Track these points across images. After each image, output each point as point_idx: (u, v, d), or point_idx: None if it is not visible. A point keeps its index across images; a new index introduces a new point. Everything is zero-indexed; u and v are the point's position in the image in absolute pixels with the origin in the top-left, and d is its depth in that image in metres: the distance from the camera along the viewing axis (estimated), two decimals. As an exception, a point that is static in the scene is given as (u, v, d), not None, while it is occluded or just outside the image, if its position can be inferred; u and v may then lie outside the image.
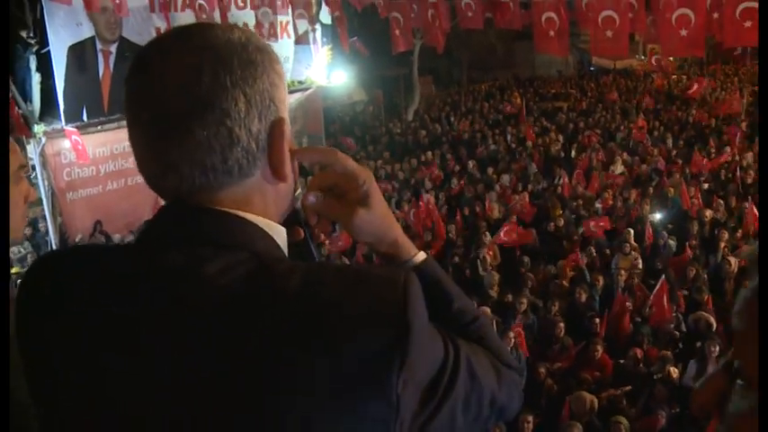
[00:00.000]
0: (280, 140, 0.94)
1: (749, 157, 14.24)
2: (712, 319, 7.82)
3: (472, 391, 0.98)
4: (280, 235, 0.98)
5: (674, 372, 7.08)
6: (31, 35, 10.82)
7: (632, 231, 10.45)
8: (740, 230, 10.53)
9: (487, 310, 8.48)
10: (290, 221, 1.07)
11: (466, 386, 0.97)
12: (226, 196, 0.92)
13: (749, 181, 12.79)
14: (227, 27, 0.94)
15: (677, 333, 7.99)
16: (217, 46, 0.89)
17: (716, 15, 9.32)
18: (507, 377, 1.08)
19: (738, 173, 13.06)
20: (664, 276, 8.23)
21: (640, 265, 9.56)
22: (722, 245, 9.69)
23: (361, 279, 0.88)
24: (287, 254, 1.00)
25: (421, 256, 1.13)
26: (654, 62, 21.47)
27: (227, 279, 0.86)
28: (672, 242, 10.31)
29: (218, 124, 0.87)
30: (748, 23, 8.87)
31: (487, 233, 10.63)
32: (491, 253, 10.22)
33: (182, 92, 0.87)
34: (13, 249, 8.64)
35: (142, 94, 0.90)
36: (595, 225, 10.73)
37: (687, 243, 10.10)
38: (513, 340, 7.37)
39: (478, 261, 9.88)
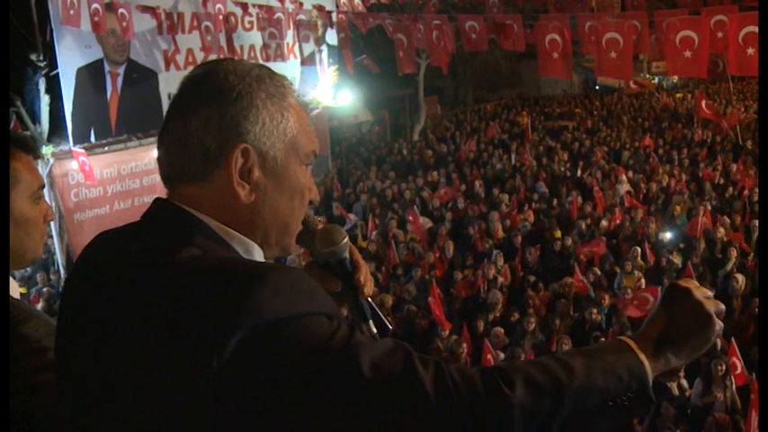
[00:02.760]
0: (228, 160, 1.07)
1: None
2: (718, 339, 7.77)
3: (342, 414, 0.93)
4: (246, 247, 1.11)
5: (676, 389, 7.05)
6: (41, 57, 10.93)
7: (639, 250, 10.44)
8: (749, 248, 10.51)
9: (501, 330, 8.48)
10: (335, 271, 1.17)
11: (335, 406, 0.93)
12: (186, 192, 1.10)
13: (755, 198, 12.77)
14: (242, 63, 1.14)
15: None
16: (207, 75, 1.12)
17: (720, 35, 9.35)
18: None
19: (746, 190, 13.05)
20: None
21: (643, 285, 9.54)
22: (730, 263, 9.65)
23: (230, 267, 0.99)
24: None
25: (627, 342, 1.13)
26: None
27: (138, 257, 1.04)
28: (677, 260, 10.27)
29: (178, 135, 1.09)
30: (751, 50, 8.93)
31: (500, 253, 10.63)
32: (504, 273, 10.20)
33: (174, 104, 1.12)
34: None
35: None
36: (588, 251, 10.68)
37: (690, 261, 10.09)
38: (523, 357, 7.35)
39: (487, 281, 9.87)
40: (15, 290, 1.54)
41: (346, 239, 1.22)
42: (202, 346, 0.90)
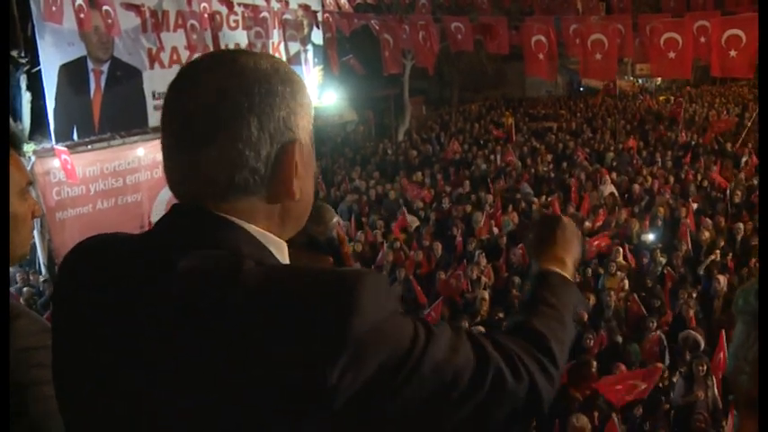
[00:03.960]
0: (289, 161, 1.04)
1: (740, 176, 14.43)
2: (700, 338, 7.86)
3: (440, 389, 0.98)
4: (278, 247, 1.08)
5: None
6: (22, 54, 10.82)
7: (621, 251, 10.51)
8: (730, 251, 10.61)
9: (481, 329, 8.50)
10: (324, 249, 1.16)
11: (433, 384, 0.97)
12: (231, 207, 1.03)
13: (737, 200, 12.91)
14: (260, 56, 1.06)
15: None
16: (244, 74, 1.01)
17: (703, 39, 9.47)
18: (513, 391, 1.07)
19: (728, 193, 13.20)
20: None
21: (627, 286, 9.61)
22: (712, 264, 9.73)
23: (315, 278, 0.96)
24: None
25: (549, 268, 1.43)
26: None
27: (198, 273, 0.96)
28: (663, 260, 10.35)
29: (230, 145, 0.99)
30: (733, 53, 9.05)
31: (482, 254, 10.67)
32: (487, 273, 10.23)
33: (206, 113, 0.99)
34: None
35: (177, 108, 1.03)
36: (597, 245, 10.75)
37: (672, 263, 10.17)
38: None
39: (470, 281, 9.90)
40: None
41: (336, 218, 1.25)
42: (316, 364, 0.89)
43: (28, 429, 1.43)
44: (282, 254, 1.09)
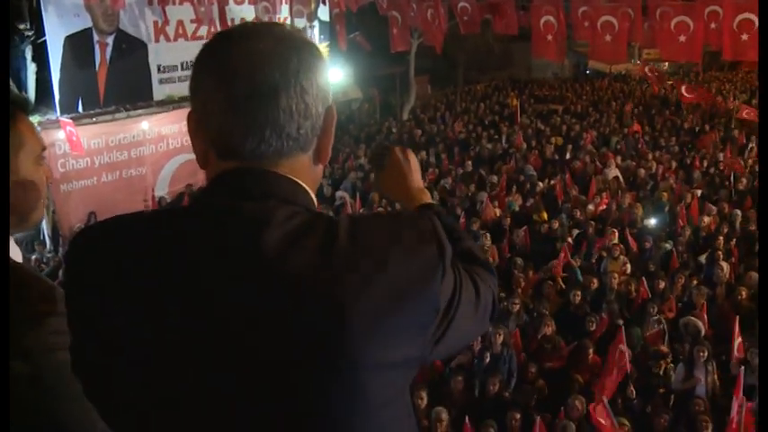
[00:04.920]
0: (330, 125, 1.13)
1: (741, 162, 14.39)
2: (701, 324, 7.87)
3: (477, 300, 1.22)
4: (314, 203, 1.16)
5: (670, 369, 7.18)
6: (28, 25, 10.78)
7: (616, 233, 10.54)
8: (734, 237, 10.59)
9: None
10: None
11: (470, 298, 1.19)
12: (285, 165, 1.08)
13: (740, 187, 12.88)
14: (294, 28, 1.14)
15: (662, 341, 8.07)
16: (299, 42, 1.08)
17: (713, 25, 9.41)
18: (491, 283, 1.33)
19: (732, 179, 13.16)
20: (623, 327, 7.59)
21: (629, 270, 9.62)
22: (718, 252, 9.72)
23: (398, 219, 1.11)
24: None
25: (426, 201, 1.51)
26: (648, 71, 21.49)
27: (294, 222, 1.02)
28: (668, 246, 10.36)
29: (300, 98, 1.05)
30: (745, 36, 8.98)
31: (485, 234, 10.67)
32: (492, 254, 10.23)
33: (273, 69, 1.03)
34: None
35: (233, 66, 1.03)
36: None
37: (675, 249, 10.17)
38: (501, 338, 7.52)
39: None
40: (18, 254, 1.54)
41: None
42: (431, 292, 1.04)
43: (41, 396, 1.44)
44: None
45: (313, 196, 1.12)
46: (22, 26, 10.50)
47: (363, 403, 1.00)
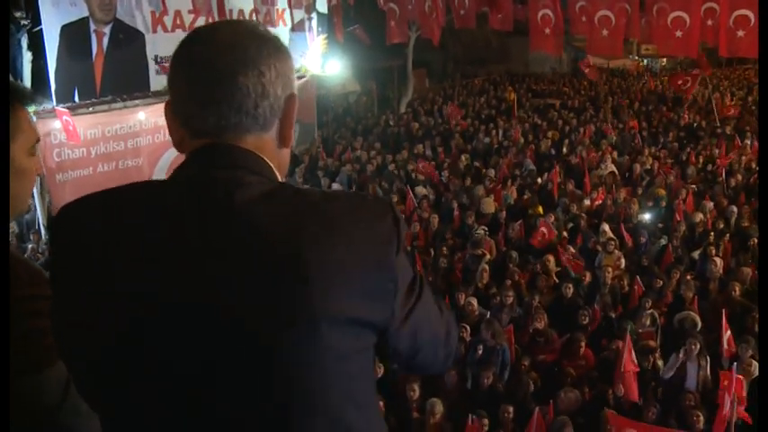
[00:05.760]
0: (291, 110, 1.21)
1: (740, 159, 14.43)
2: (698, 319, 7.91)
3: (440, 313, 1.30)
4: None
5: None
6: (24, 14, 10.74)
7: (607, 226, 10.59)
8: (728, 232, 10.63)
9: (474, 301, 8.58)
10: None
11: (434, 303, 1.27)
12: (249, 140, 1.17)
13: (733, 184, 12.92)
14: (258, 24, 1.26)
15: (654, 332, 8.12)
16: (260, 33, 1.20)
17: (710, 22, 9.43)
18: (453, 318, 1.39)
19: (723, 175, 13.21)
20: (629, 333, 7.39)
21: (623, 264, 9.66)
22: (711, 248, 9.75)
23: (359, 195, 1.23)
24: None
25: None
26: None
27: (262, 188, 1.12)
28: (663, 241, 10.39)
29: (257, 79, 1.14)
30: (741, 33, 9.00)
31: (483, 227, 10.71)
32: (487, 247, 10.26)
33: (231, 54, 1.14)
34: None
35: (201, 54, 1.15)
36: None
37: (670, 244, 10.21)
38: (499, 331, 7.59)
39: (468, 256, 9.94)
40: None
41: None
42: (387, 260, 1.13)
43: (30, 385, 1.46)
44: None
45: (278, 175, 1.20)
46: (18, 14, 10.46)
47: (321, 353, 1.07)
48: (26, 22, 10.66)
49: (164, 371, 1.07)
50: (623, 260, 9.78)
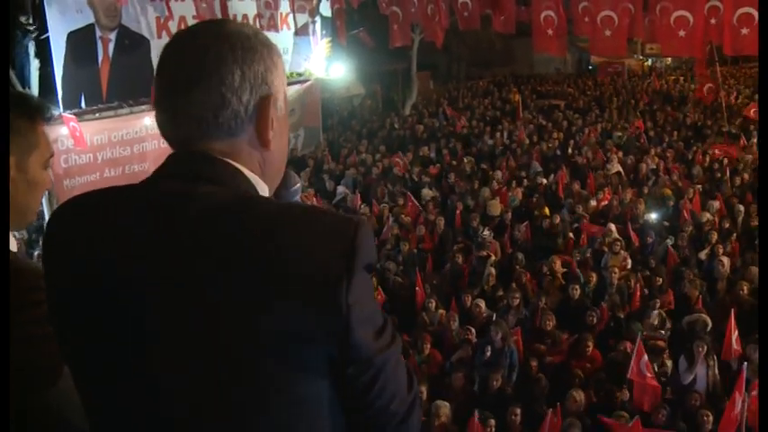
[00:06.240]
0: (266, 112, 1.17)
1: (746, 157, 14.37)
2: (709, 321, 7.88)
3: (398, 365, 1.17)
4: (265, 192, 1.21)
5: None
6: (31, 21, 10.80)
7: (614, 227, 10.58)
8: (734, 232, 10.61)
9: (482, 303, 8.59)
10: None
11: (397, 355, 1.16)
12: (217, 146, 1.15)
13: (738, 183, 12.88)
14: (242, 24, 1.22)
15: (662, 333, 8.09)
16: (227, 34, 1.15)
17: (713, 20, 9.41)
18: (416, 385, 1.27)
19: (728, 174, 13.17)
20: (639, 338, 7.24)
21: (629, 265, 9.65)
22: (718, 247, 9.72)
23: (320, 216, 1.11)
24: None
25: None
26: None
27: (214, 201, 1.08)
28: (669, 241, 10.38)
29: (215, 89, 1.12)
30: (745, 31, 8.98)
31: (486, 229, 10.71)
32: (493, 249, 10.27)
33: (192, 62, 1.13)
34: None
35: (167, 63, 1.16)
36: (592, 232, 10.77)
37: (676, 243, 10.19)
38: (507, 333, 7.61)
39: (474, 258, 9.96)
40: (13, 244, 1.61)
41: (299, 184, 1.38)
42: (335, 287, 1.03)
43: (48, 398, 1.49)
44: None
45: (251, 176, 1.17)
46: (24, 21, 10.53)
47: (262, 382, 1.05)
48: (33, 30, 10.72)
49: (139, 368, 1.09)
50: (629, 260, 9.76)
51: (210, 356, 1.04)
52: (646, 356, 6.97)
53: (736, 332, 7.42)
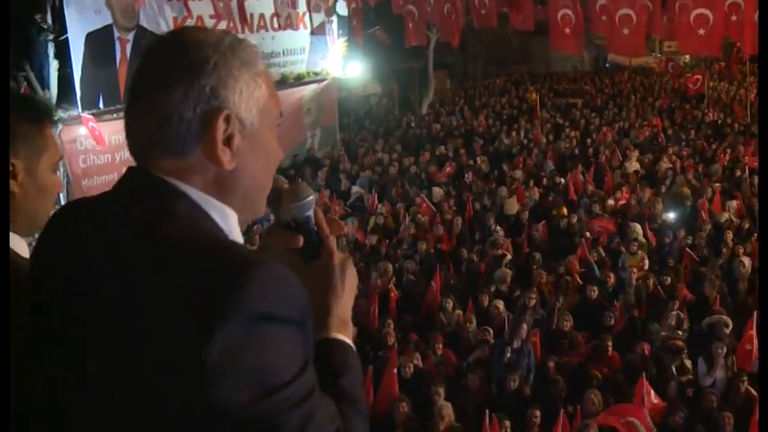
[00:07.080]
0: (212, 129, 1.07)
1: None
2: (730, 322, 7.79)
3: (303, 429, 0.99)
4: (222, 214, 1.12)
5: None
6: (50, 22, 10.89)
7: (639, 227, 10.49)
8: (755, 232, 10.48)
9: (501, 303, 8.56)
10: (299, 228, 1.18)
11: (300, 420, 0.98)
12: (165, 165, 1.08)
13: (755, 181, 12.72)
14: (211, 32, 1.13)
15: (680, 333, 8.02)
16: (180, 46, 1.10)
17: (734, 18, 9.29)
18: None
19: (747, 173, 13.01)
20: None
21: (647, 265, 9.56)
22: (738, 247, 9.62)
23: (216, 253, 1.01)
24: (240, 234, 1.15)
25: (338, 337, 1.22)
26: (670, 68, 21.23)
27: (126, 225, 1.04)
28: (688, 241, 10.28)
29: (153, 108, 1.07)
30: (767, 28, 8.86)
31: (499, 228, 10.69)
32: (506, 248, 10.24)
33: (138, 80, 1.10)
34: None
35: (133, 77, 1.12)
36: (600, 227, 10.70)
37: (694, 243, 10.10)
38: (525, 333, 7.57)
39: (486, 257, 9.94)
40: (24, 250, 1.57)
41: (312, 197, 1.24)
42: (191, 336, 0.93)
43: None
44: (226, 221, 1.12)
45: (201, 198, 1.09)
46: (40, 20, 10.62)
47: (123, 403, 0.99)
48: (52, 31, 10.81)
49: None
50: (647, 261, 9.68)
51: (109, 393, 1.01)
52: (652, 391, 6.80)
53: (752, 331, 7.33)
